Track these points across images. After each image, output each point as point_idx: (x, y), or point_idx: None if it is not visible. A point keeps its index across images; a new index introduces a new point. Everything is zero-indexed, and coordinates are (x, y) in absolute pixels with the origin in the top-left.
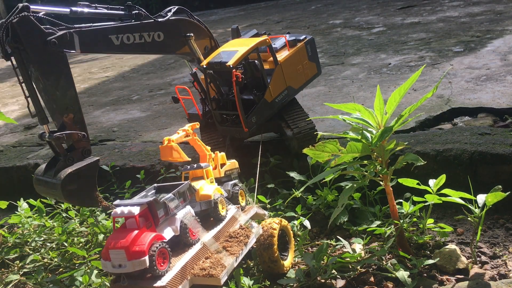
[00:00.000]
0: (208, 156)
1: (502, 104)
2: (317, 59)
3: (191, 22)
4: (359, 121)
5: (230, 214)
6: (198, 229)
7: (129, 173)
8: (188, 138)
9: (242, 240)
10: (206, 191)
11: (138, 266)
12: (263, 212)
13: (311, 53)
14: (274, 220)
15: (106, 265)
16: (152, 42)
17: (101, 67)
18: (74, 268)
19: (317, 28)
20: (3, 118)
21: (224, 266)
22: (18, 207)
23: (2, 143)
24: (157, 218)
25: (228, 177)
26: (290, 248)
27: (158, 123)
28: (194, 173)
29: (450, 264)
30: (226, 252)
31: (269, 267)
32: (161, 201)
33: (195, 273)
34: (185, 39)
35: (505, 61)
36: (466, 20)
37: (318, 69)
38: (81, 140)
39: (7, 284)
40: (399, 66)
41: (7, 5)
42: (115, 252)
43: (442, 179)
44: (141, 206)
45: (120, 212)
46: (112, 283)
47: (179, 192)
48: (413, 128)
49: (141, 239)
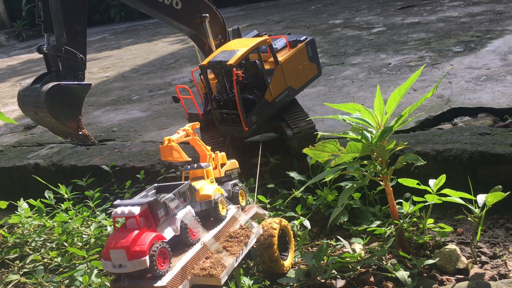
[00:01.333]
0: (208, 156)
1: (502, 104)
2: (317, 60)
3: (209, 6)
4: (359, 121)
5: (230, 214)
6: (198, 229)
7: (129, 173)
8: (188, 138)
9: (242, 240)
10: (206, 191)
11: (138, 266)
12: (263, 212)
13: (311, 54)
14: (274, 220)
15: (107, 265)
16: (169, 6)
17: (101, 67)
18: (74, 268)
19: (317, 28)
20: (3, 118)
21: (225, 266)
22: (18, 207)
23: (2, 143)
24: (158, 218)
25: (228, 177)
26: (290, 248)
27: (158, 123)
28: (195, 173)
29: (450, 264)
30: (226, 252)
31: (269, 267)
32: (162, 201)
33: (196, 273)
34: (200, 20)
35: (505, 61)
36: (466, 20)
37: (318, 70)
38: (78, 62)
39: (7, 284)
40: (399, 66)
41: (7, 5)
42: (116, 252)
43: (442, 179)
44: (142, 206)
45: (121, 212)
46: (112, 283)
47: (180, 192)
48: (413, 128)
49: (141, 239)
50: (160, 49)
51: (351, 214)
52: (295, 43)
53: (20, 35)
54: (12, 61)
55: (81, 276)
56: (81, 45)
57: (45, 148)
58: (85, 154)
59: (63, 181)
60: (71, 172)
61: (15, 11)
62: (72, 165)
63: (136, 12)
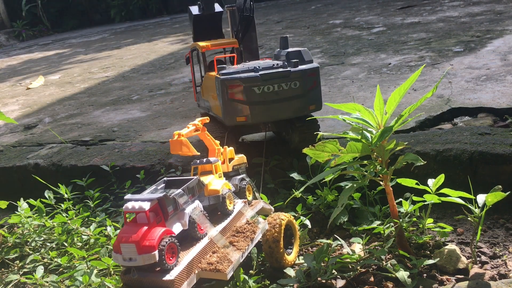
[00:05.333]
0: (217, 151)
1: (502, 104)
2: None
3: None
4: (359, 121)
5: (237, 208)
6: (206, 224)
7: (129, 173)
8: (197, 133)
9: (249, 236)
10: (214, 186)
11: (148, 260)
12: (269, 207)
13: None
14: (280, 215)
15: (117, 257)
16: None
17: (101, 67)
18: (74, 268)
19: (317, 28)
20: (3, 118)
21: (231, 262)
22: (18, 207)
23: (2, 143)
24: (167, 213)
25: (236, 171)
26: (295, 243)
27: (158, 123)
28: (203, 167)
29: (450, 264)
30: (232, 247)
31: (274, 261)
32: (171, 197)
33: (203, 267)
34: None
35: (505, 61)
36: (466, 20)
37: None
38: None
39: (7, 284)
40: (399, 66)
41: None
42: (126, 246)
43: (441, 179)
44: (152, 201)
45: (131, 207)
46: (122, 274)
47: (189, 187)
48: (413, 128)
49: (151, 234)
50: (160, 49)
51: (351, 214)
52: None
53: (20, 35)
54: (12, 61)
55: (81, 276)
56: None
57: (45, 148)
58: (85, 154)
59: (63, 181)
60: (71, 172)
61: (15, 11)
62: (72, 165)
63: (136, 12)
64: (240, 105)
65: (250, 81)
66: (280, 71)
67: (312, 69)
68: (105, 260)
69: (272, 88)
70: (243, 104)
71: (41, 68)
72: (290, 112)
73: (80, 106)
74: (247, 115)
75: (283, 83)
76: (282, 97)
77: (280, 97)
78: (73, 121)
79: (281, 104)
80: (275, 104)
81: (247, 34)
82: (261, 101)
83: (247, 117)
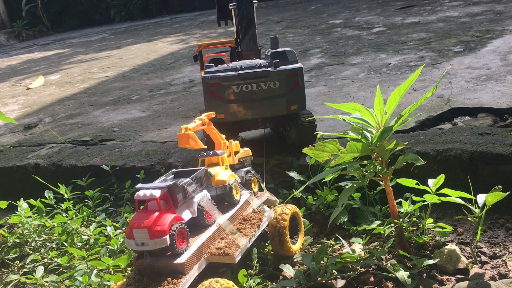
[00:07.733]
0: (223, 144)
1: (502, 104)
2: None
3: None
4: (359, 121)
5: (244, 198)
6: (214, 211)
7: (129, 173)
8: (204, 127)
9: (255, 223)
10: (221, 177)
11: (159, 244)
12: (274, 198)
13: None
14: (286, 205)
15: (130, 243)
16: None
17: (101, 67)
18: (74, 268)
19: (317, 28)
20: (3, 118)
21: (239, 246)
22: (18, 207)
23: (2, 143)
24: (177, 201)
25: (242, 164)
26: (300, 233)
27: (158, 123)
28: (210, 159)
29: (450, 264)
30: (240, 234)
31: (280, 248)
32: (180, 185)
33: (212, 252)
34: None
35: (505, 61)
36: (466, 20)
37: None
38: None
39: (7, 284)
40: (399, 66)
41: (7, 5)
42: (139, 231)
43: (441, 179)
44: (162, 189)
45: (143, 194)
46: (135, 260)
47: (197, 177)
48: (413, 128)
49: (162, 219)
50: (160, 49)
51: (351, 214)
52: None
53: (20, 35)
54: (12, 61)
55: (81, 276)
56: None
57: (45, 148)
58: (85, 154)
59: (63, 181)
60: (71, 172)
61: (15, 11)
62: (72, 165)
63: (136, 12)
64: (220, 102)
65: (228, 79)
66: (259, 71)
67: (293, 69)
68: (105, 260)
69: (250, 87)
70: (222, 102)
71: (41, 68)
72: (269, 111)
73: (80, 106)
74: (226, 113)
75: (262, 83)
76: (261, 96)
77: (259, 96)
78: (73, 121)
79: (261, 103)
80: (254, 103)
81: (248, 34)
82: (239, 99)
83: (226, 114)
